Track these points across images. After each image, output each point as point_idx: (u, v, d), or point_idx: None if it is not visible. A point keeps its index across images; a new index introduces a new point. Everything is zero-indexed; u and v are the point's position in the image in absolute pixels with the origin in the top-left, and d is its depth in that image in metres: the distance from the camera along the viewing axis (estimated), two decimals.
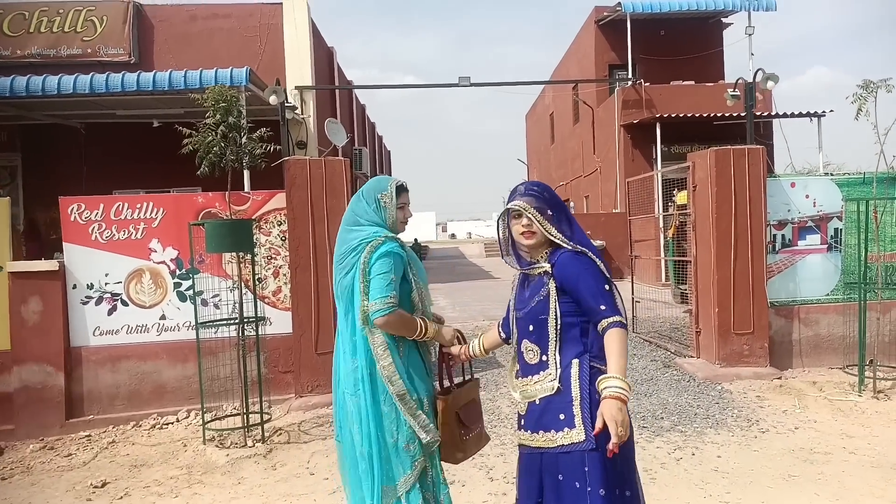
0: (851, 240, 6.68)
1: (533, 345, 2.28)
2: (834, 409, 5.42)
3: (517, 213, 2.27)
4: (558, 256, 2.25)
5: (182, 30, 11.92)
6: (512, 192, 2.34)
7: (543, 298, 2.24)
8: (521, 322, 2.34)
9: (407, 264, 2.63)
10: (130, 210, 5.85)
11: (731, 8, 14.86)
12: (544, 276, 2.27)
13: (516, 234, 2.30)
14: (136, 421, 5.74)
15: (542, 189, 2.32)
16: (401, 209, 2.71)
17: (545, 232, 2.24)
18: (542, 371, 2.27)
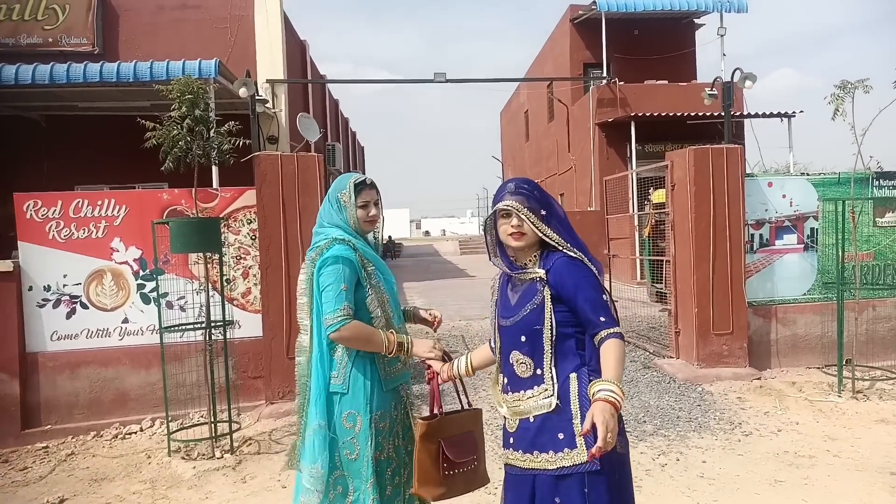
0: (827, 239, 6.70)
1: (525, 357, 2.09)
2: (815, 410, 5.40)
3: (506, 212, 2.09)
4: (553, 261, 2.07)
5: (149, 20, 11.51)
6: (500, 191, 2.15)
7: (537, 307, 2.06)
8: (508, 331, 2.14)
9: (360, 267, 2.44)
10: (91, 207, 5.55)
11: (703, 9, 14.92)
12: (537, 282, 2.08)
13: (503, 234, 2.11)
14: (96, 431, 5.46)
15: (533, 187, 2.12)
16: (362, 208, 2.51)
17: (540, 234, 2.07)
18: (536, 386, 2.07)
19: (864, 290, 6.33)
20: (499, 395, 2.22)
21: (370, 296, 2.45)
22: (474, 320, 10.28)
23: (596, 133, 15.00)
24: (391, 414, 2.49)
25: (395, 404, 2.52)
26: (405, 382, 2.60)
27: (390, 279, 2.59)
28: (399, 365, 2.53)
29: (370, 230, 2.56)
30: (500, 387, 2.22)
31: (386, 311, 2.49)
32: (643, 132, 13.94)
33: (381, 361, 2.47)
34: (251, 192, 5.84)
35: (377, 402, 2.43)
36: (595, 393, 1.90)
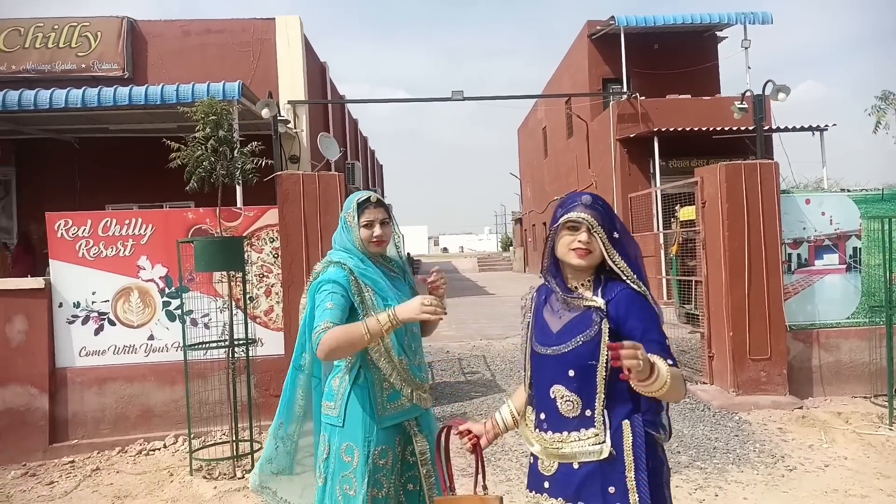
0: (872, 259, 6.32)
1: (572, 394, 1.85)
2: (864, 443, 5.04)
3: (575, 225, 1.86)
4: (616, 293, 1.86)
5: (176, 45, 11.79)
6: (570, 201, 1.92)
7: (591, 340, 1.83)
8: (551, 362, 1.88)
9: (352, 293, 2.29)
10: (119, 226, 5.65)
11: (726, 21, 14.78)
12: (593, 311, 1.85)
13: (565, 247, 1.88)
14: (121, 446, 5.50)
15: (607, 206, 1.92)
16: (366, 227, 2.37)
17: (608, 257, 1.86)
18: (584, 428, 1.84)
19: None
20: (531, 433, 1.96)
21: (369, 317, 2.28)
22: (495, 340, 10.19)
23: (617, 149, 14.90)
24: (394, 450, 2.34)
25: (400, 440, 2.36)
26: (412, 419, 2.39)
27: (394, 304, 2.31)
28: (402, 400, 2.34)
29: (377, 251, 2.42)
30: (532, 422, 1.98)
31: (384, 339, 2.29)
32: (666, 147, 13.80)
33: (380, 395, 2.33)
34: (274, 211, 5.89)
35: (377, 438, 2.29)
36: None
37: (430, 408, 2.49)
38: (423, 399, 2.38)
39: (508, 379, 7.50)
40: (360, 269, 2.36)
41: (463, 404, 6.48)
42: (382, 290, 2.36)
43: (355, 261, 2.38)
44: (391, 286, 2.42)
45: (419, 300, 2.16)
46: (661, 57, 16.09)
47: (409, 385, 2.34)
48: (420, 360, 2.43)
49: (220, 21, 12.04)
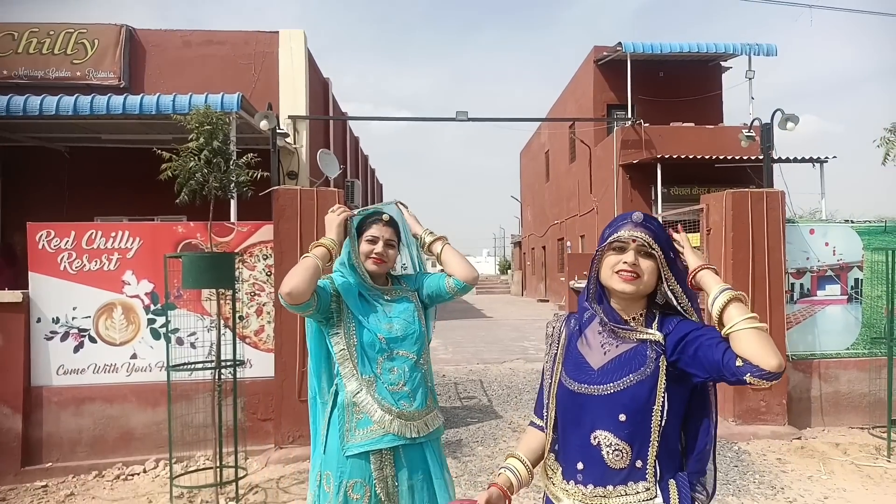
0: (872, 291, 6.34)
1: (622, 442, 1.58)
2: (863, 475, 5.00)
3: (622, 245, 1.63)
4: (675, 325, 1.62)
5: (175, 55, 11.65)
6: (619, 219, 1.68)
7: (646, 379, 1.58)
8: (595, 403, 1.61)
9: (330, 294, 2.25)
10: (104, 239, 5.41)
11: (731, 51, 14.80)
12: (648, 346, 1.61)
13: (609, 270, 1.64)
14: (98, 470, 5.22)
15: (661, 227, 1.68)
16: (369, 242, 2.33)
17: (665, 282, 1.62)
18: (633, 482, 1.58)
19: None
20: (561, 485, 1.67)
21: (338, 332, 2.24)
22: (492, 364, 9.97)
23: (620, 175, 14.80)
24: (371, 486, 2.17)
25: (375, 475, 2.18)
26: (388, 450, 2.21)
27: (374, 329, 2.26)
28: (373, 426, 2.18)
29: (374, 270, 2.32)
30: (560, 473, 1.70)
31: (352, 355, 2.22)
32: (669, 175, 13.71)
33: (349, 419, 2.20)
34: (268, 227, 5.67)
35: (350, 469, 2.18)
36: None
37: (425, 440, 2.27)
38: (402, 427, 2.20)
39: (506, 405, 7.28)
40: (341, 282, 2.29)
41: (459, 430, 6.24)
42: (355, 306, 2.26)
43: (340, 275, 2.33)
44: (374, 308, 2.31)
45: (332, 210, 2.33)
46: (665, 84, 16.10)
47: (380, 409, 2.17)
48: (412, 388, 2.26)
49: (222, 33, 11.90)
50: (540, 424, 1.79)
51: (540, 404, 1.80)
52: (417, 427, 2.23)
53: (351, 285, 2.30)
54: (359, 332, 2.25)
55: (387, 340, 2.25)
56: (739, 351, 1.48)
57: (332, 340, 2.26)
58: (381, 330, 2.27)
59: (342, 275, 2.34)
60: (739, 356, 1.48)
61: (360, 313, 2.26)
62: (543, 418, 1.77)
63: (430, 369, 2.42)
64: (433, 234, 2.46)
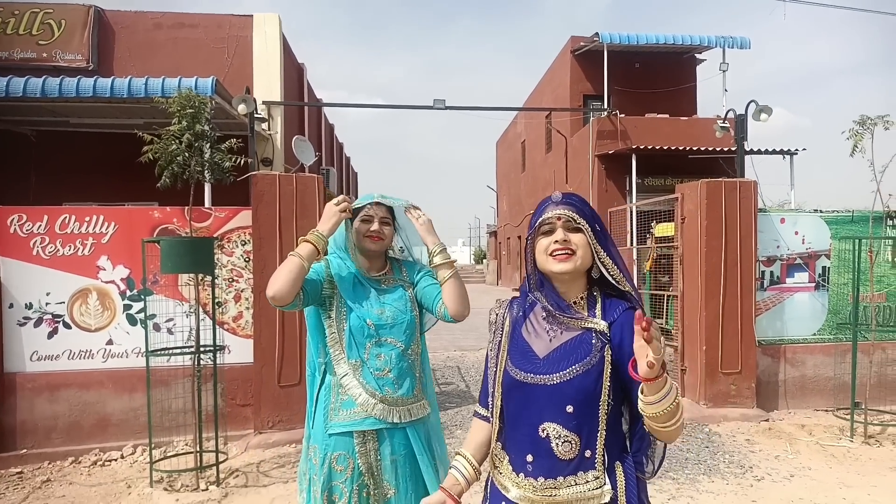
0: (839, 279, 6.54)
1: (570, 433, 1.55)
2: (827, 455, 5.19)
3: (550, 227, 1.60)
4: (620, 314, 1.59)
5: (145, 38, 11.38)
6: (542, 204, 1.67)
7: (592, 369, 1.55)
8: (542, 394, 1.57)
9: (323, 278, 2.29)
10: (78, 223, 5.32)
11: (706, 44, 14.98)
12: (594, 334, 1.58)
13: (542, 253, 1.60)
14: (74, 457, 5.17)
15: (583, 201, 1.65)
16: (364, 221, 2.35)
17: (596, 256, 1.59)
18: (582, 471, 1.56)
19: (879, 332, 6.10)
20: (510, 476, 1.64)
21: (331, 316, 2.29)
22: (469, 351, 10.05)
23: (595, 165, 14.94)
24: (354, 460, 2.24)
25: (358, 450, 2.24)
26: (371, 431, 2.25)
27: (364, 314, 2.28)
28: (356, 409, 2.23)
29: (373, 248, 2.35)
30: (508, 464, 1.65)
31: (341, 339, 2.27)
32: (643, 165, 13.88)
33: (335, 400, 2.27)
34: (247, 213, 5.63)
35: (334, 443, 2.25)
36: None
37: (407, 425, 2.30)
38: (385, 412, 2.24)
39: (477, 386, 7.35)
40: (336, 264, 2.34)
41: None
42: (347, 292, 2.29)
43: (337, 258, 2.38)
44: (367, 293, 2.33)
45: (333, 204, 2.26)
46: (641, 76, 16.26)
47: (365, 392, 2.23)
48: (397, 375, 2.29)
49: (194, 15, 11.67)
50: (485, 415, 1.75)
51: (485, 393, 1.76)
52: (400, 413, 2.27)
53: (346, 270, 2.34)
54: (349, 316, 2.28)
55: (375, 326, 2.28)
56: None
57: (325, 323, 2.31)
58: (372, 315, 2.29)
59: (340, 258, 2.37)
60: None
61: (352, 299, 2.29)
62: (489, 408, 1.72)
63: (422, 360, 2.44)
64: (445, 257, 2.37)
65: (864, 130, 5.40)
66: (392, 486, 2.25)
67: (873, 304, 6.12)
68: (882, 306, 6.45)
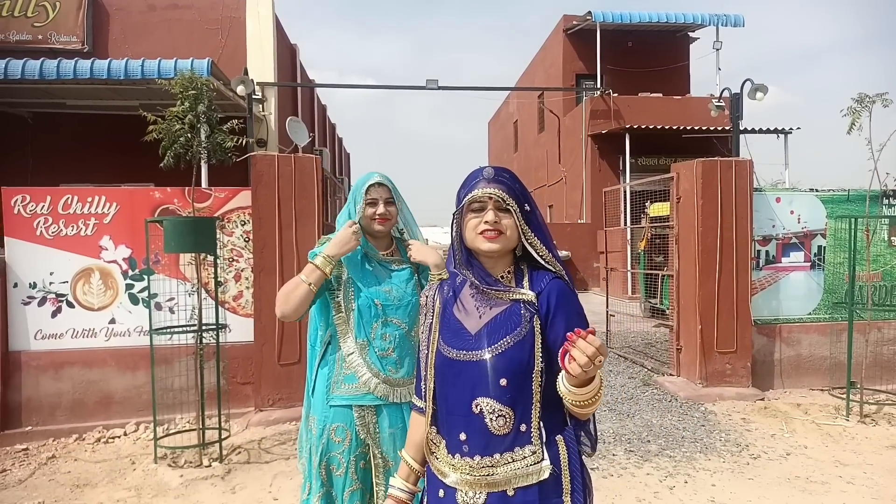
0: (835, 258, 6.56)
1: (504, 407, 1.51)
2: (823, 433, 5.21)
3: (480, 205, 1.58)
4: (547, 284, 1.58)
5: (140, 19, 11.33)
6: (471, 178, 1.62)
7: (523, 340, 1.52)
8: (473, 369, 1.54)
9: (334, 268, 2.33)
10: (80, 204, 5.36)
11: (700, 22, 14.98)
12: (523, 305, 1.56)
13: (472, 232, 1.58)
14: (78, 434, 5.25)
15: (514, 178, 1.62)
16: (370, 205, 2.39)
17: (523, 236, 1.59)
18: (519, 447, 1.52)
19: (875, 312, 6.10)
20: (445, 459, 1.58)
21: (339, 295, 2.36)
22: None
23: (588, 144, 14.97)
24: (354, 434, 2.32)
25: (357, 422, 2.32)
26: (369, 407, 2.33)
27: (372, 294, 2.34)
28: (358, 384, 2.31)
29: (381, 229, 2.41)
30: (443, 446, 1.60)
31: (349, 319, 2.34)
32: (636, 145, 13.92)
33: (338, 373, 2.35)
34: (246, 193, 5.68)
35: (333, 415, 2.33)
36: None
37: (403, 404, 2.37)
38: (386, 391, 2.32)
39: None
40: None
41: None
42: (356, 272, 2.36)
43: None
44: (375, 273, 2.40)
45: (344, 231, 2.27)
46: (634, 55, 16.23)
47: (369, 371, 2.30)
48: (399, 356, 2.36)
49: None
50: (422, 406, 1.68)
51: (419, 379, 1.70)
52: (401, 393, 2.34)
53: (351, 254, 2.39)
54: (357, 296, 2.34)
55: (382, 307, 2.33)
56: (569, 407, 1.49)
57: (333, 303, 2.38)
58: (380, 294, 2.35)
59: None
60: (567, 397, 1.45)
61: (360, 279, 2.36)
62: (423, 395, 1.67)
63: None
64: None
65: (861, 108, 5.38)
66: (391, 459, 2.32)
67: (869, 283, 6.12)
68: (878, 286, 6.48)
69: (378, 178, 2.43)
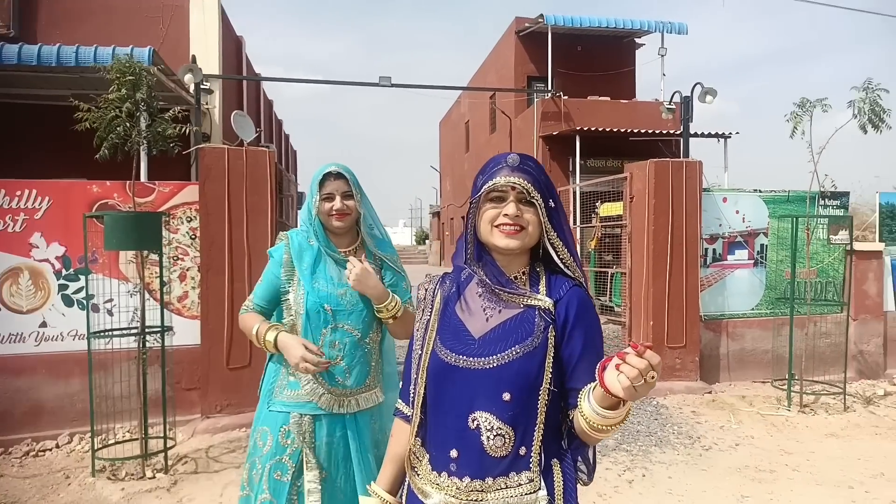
0: (776, 256, 6.83)
1: (505, 426, 1.34)
2: (767, 424, 5.45)
3: (501, 195, 1.39)
4: (566, 291, 1.40)
5: (73, 5, 10.69)
6: (492, 164, 1.43)
7: (535, 352, 1.35)
8: (474, 378, 1.36)
9: (281, 268, 2.25)
10: (8, 198, 4.97)
11: (645, 28, 15.29)
12: (538, 312, 1.39)
13: (489, 224, 1.40)
14: (4, 447, 4.86)
15: (539, 168, 1.44)
16: (325, 200, 2.23)
17: (545, 235, 1.40)
18: (515, 472, 1.35)
19: (813, 307, 6.40)
20: (427, 477, 1.42)
21: (289, 295, 2.24)
22: None
23: (540, 146, 15.06)
24: (276, 440, 2.18)
25: (296, 432, 2.17)
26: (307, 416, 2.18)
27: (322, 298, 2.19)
28: (300, 391, 2.17)
29: (340, 225, 2.24)
30: (427, 462, 1.43)
31: (298, 323, 2.21)
32: (585, 147, 14.08)
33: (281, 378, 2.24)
34: (192, 188, 5.39)
35: (263, 417, 2.25)
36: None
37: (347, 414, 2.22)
38: (331, 402, 2.18)
39: None
40: (297, 244, 2.26)
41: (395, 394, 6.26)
42: (307, 274, 2.22)
43: (301, 237, 2.28)
44: (330, 274, 2.24)
45: (302, 354, 2.06)
46: (582, 58, 16.45)
47: (315, 380, 2.16)
48: (349, 364, 2.21)
49: None
50: (409, 414, 1.51)
51: (408, 382, 1.52)
52: (346, 403, 2.21)
53: (306, 248, 2.25)
54: (306, 299, 2.19)
55: (333, 311, 2.19)
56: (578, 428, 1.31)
57: (283, 303, 2.26)
58: (331, 298, 2.19)
59: (307, 236, 2.28)
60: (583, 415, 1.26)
61: (311, 281, 2.21)
62: (411, 401, 1.50)
63: (381, 349, 2.34)
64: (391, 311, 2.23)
65: (803, 113, 5.60)
66: (324, 469, 2.18)
67: (808, 279, 6.41)
68: (814, 282, 6.77)
69: (334, 168, 2.26)
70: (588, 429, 1.25)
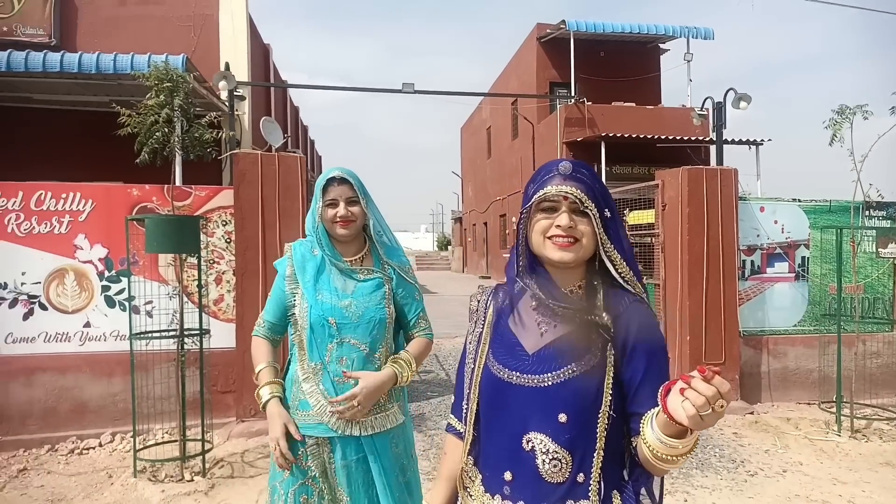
0: (819, 269, 6.51)
1: (562, 449, 1.27)
2: (816, 449, 5.15)
3: (553, 205, 1.33)
4: (626, 307, 1.33)
5: (110, 14, 10.96)
6: (544, 172, 1.36)
7: (593, 372, 1.28)
8: (528, 396, 1.30)
9: (285, 282, 2.18)
10: (54, 200, 5.11)
11: (671, 34, 15.18)
12: (596, 329, 1.31)
13: (541, 236, 1.34)
14: (51, 444, 4.99)
15: (594, 176, 1.36)
16: (329, 206, 2.14)
17: (601, 247, 1.33)
18: (572, 500, 1.27)
19: (861, 324, 5.97)
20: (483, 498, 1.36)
21: (296, 312, 2.16)
22: (444, 339, 10.00)
23: (563, 152, 15.02)
24: (296, 466, 2.09)
25: (313, 455, 2.10)
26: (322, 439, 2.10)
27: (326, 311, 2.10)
28: (311, 412, 2.08)
29: (344, 233, 2.15)
30: (480, 484, 1.38)
31: (302, 339, 2.12)
32: (610, 154, 14.00)
33: (293, 398, 2.15)
34: (228, 192, 5.49)
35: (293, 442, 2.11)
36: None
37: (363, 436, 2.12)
38: (340, 424, 2.07)
39: None
40: (300, 255, 2.20)
41: (421, 405, 6.29)
42: (310, 285, 2.13)
43: (304, 247, 2.22)
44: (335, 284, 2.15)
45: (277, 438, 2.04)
46: (606, 64, 16.37)
47: (323, 399, 2.08)
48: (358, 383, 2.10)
49: None
50: (461, 431, 1.46)
51: (460, 397, 1.47)
52: (359, 427, 2.09)
53: (309, 258, 2.18)
54: (310, 313, 2.10)
55: (338, 325, 2.08)
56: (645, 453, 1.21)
57: (290, 318, 2.20)
58: (336, 311, 2.10)
59: (311, 245, 2.22)
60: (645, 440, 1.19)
61: (314, 293, 2.12)
62: (463, 417, 1.44)
63: None
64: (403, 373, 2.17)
65: (842, 120, 5.43)
66: (346, 494, 2.09)
67: (856, 294, 6.05)
68: (861, 297, 6.35)
69: (337, 173, 2.16)
70: (651, 458, 1.18)
